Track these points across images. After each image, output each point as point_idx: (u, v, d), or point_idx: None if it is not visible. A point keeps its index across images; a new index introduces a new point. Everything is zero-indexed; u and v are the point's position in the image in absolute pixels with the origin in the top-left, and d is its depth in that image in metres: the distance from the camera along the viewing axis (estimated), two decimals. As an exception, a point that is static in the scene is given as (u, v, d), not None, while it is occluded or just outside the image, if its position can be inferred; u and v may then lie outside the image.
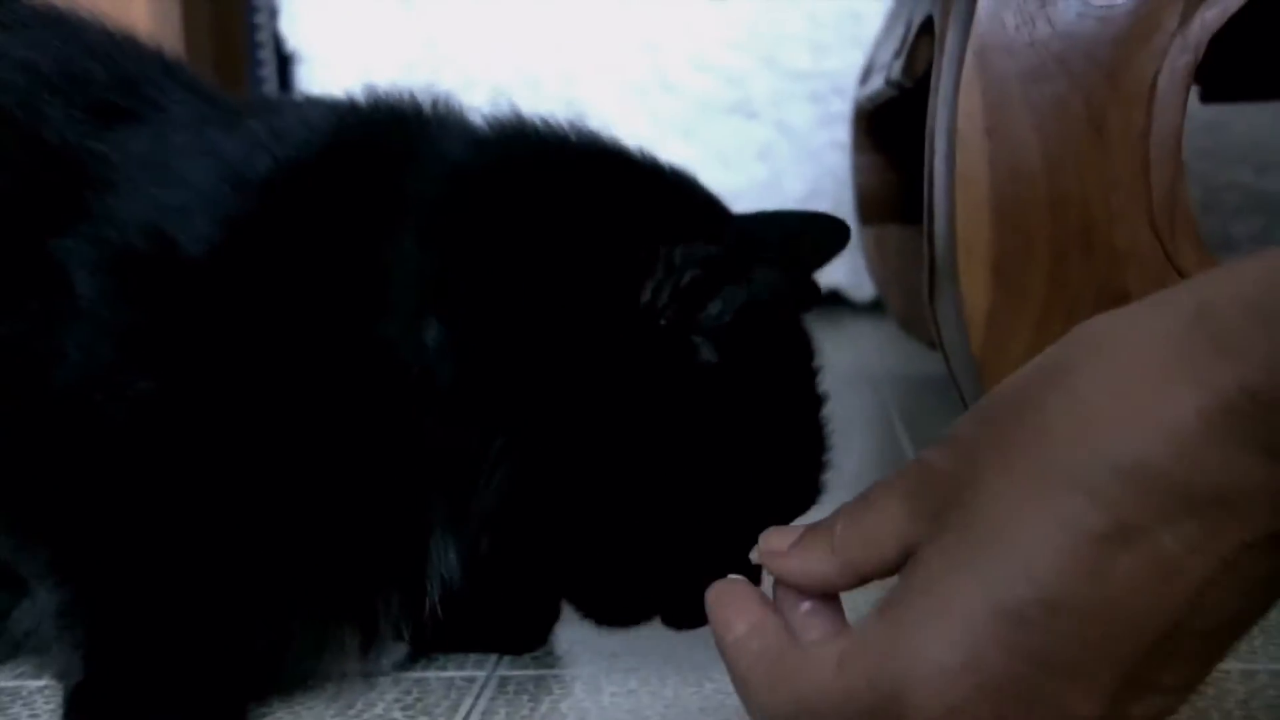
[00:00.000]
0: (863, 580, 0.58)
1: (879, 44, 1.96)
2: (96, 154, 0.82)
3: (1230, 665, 0.82)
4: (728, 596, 0.60)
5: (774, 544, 0.61)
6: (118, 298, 0.77)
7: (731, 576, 0.62)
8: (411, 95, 0.85)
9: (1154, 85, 0.93)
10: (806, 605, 0.59)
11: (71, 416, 0.77)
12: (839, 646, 0.55)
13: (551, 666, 0.88)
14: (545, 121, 0.82)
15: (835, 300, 2.77)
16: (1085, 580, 0.49)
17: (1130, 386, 0.50)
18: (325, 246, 0.77)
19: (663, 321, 0.72)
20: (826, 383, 0.79)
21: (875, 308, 2.65)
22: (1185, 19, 0.93)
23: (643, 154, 0.81)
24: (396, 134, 0.82)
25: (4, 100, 0.84)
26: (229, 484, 0.76)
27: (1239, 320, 0.47)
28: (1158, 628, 0.49)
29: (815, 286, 0.85)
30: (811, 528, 0.60)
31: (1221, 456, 0.47)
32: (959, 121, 0.95)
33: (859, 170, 2.21)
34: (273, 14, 2.74)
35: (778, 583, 0.60)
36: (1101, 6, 0.93)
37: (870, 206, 2.16)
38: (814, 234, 0.85)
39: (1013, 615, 0.50)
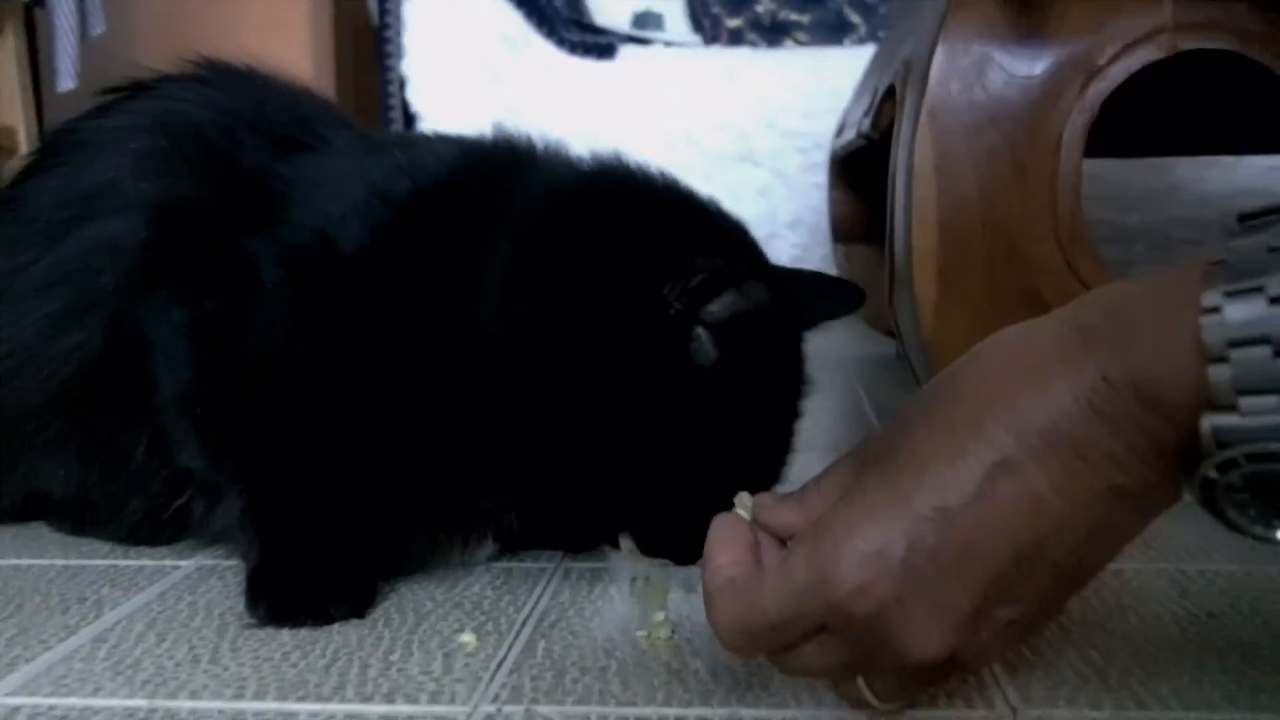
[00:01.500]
0: None
1: (848, 110, 1.97)
2: (279, 175, 0.83)
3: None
4: (721, 533, 0.59)
5: (763, 500, 0.62)
6: (292, 284, 0.78)
7: (730, 514, 0.61)
8: (528, 135, 0.85)
9: (1060, 138, 0.93)
10: (777, 549, 0.59)
11: (254, 370, 0.78)
12: (783, 557, 0.56)
13: (603, 561, 0.88)
14: (633, 164, 0.82)
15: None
16: (974, 497, 0.50)
17: (1021, 366, 0.52)
18: (443, 248, 0.77)
19: (673, 311, 0.71)
20: (813, 363, 0.78)
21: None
22: (1084, 88, 0.93)
23: (696, 196, 0.80)
24: (509, 163, 0.82)
25: (211, 135, 0.86)
26: (366, 423, 0.77)
27: (1102, 324, 0.50)
28: (1022, 545, 0.50)
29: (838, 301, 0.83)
30: (790, 493, 0.61)
31: (1082, 420, 0.49)
32: (915, 162, 0.95)
33: (833, 202, 2.21)
34: (402, 85, 2.76)
35: (762, 529, 0.60)
36: (1023, 77, 0.94)
37: (841, 229, 2.17)
38: (835, 291, 0.83)
39: (916, 517, 0.51)
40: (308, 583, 0.77)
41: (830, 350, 0.59)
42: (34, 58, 2.59)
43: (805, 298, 0.79)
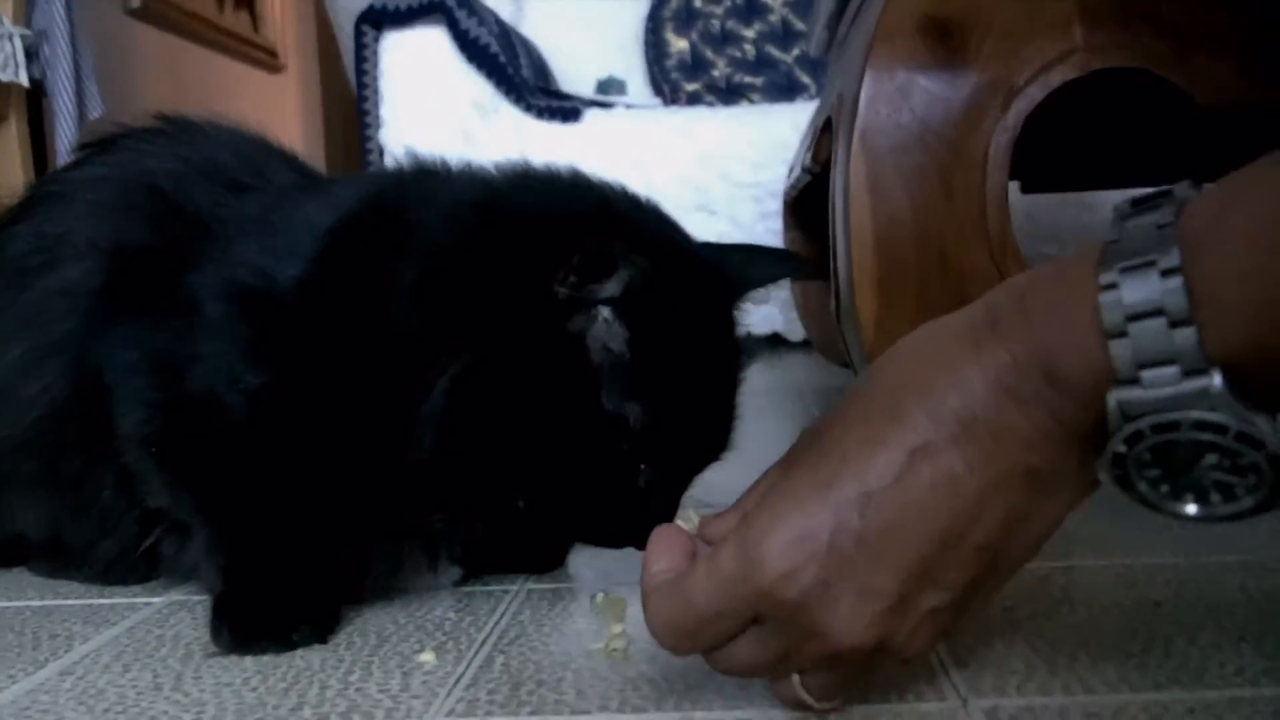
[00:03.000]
0: None
1: (797, 155, 1.94)
2: (223, 217, 0.80)
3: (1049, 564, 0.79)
4: (659, 541, 0.56)
5: (706, 517, 0.59)
6: (235, 317, 0.74)
7: (669, 525, 0.57)
8: (443, 158, 0.81)
9: (986, 155, 0.91)
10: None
11: (203, 402, 0.73)
12: (712, 551, 0.52)
13: (564, 581, 0.84)
14: (540, 168, 0.77)
15: (777, 340, 2.75)
16: (894, 480, 0.48)
17: (936, 353, 0.50)
18: (362, 271, 0.73)
19: (561, 296, 0.66)
20: (771, 394, 0.74)
21: (804, 345, 2.63)
22: (1005, 108, 0.91)
23: (600, 188, 0.75)
24: (419, 184, 0.78)
25: (163, 183, 0.84)
26: (314, 447, 0.72)
27: (1009, 307, 0.48)
28: (943, 527, 0.48)
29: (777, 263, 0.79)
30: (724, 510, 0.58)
31: (993, 402, 0.47)
32: (850, 184, 0.92)
33: (787, 242, 2.18)
34: (381, 153, 2.74)
35: (702, 539, 0.57)
36: (945, 99, 0.91)
37: (795, 268, 2.14)
38: (771, 258, 0.80)
39: (840, 502, 0.48)
40: (269, 609, 0.72)
41: (788, 381, 0.56)
42: (39, 140, 2.57)
43: (737, 267, 0.74)
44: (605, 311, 0.67)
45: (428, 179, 0.79)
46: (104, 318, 0.79)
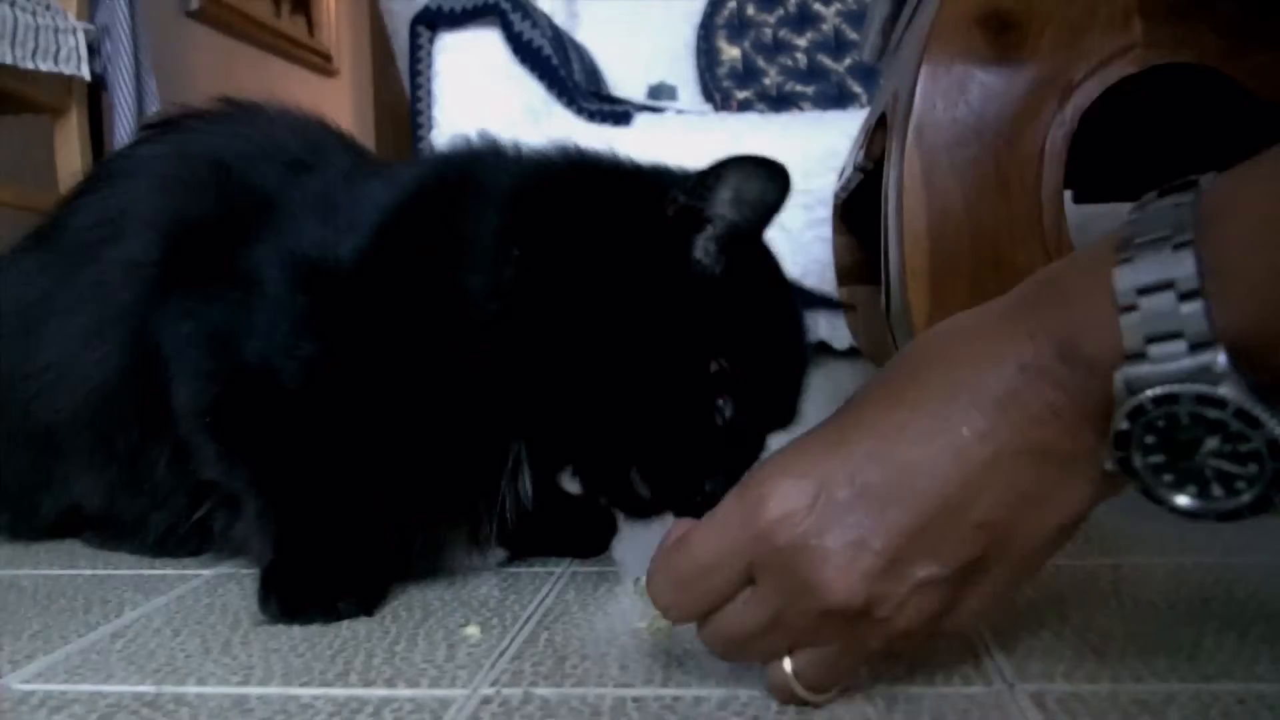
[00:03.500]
0: None
1: (849, 158, 1.94)
2: (285, 194, 0.80)
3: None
4: (681, 525, 0.55)
5: None
6: (293, 288, 0.75)
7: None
8: (491, 137, 0.82)
9: (1042, 150, 0.90)
10: None
11: (258, 373, 0.74)
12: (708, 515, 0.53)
13: (608, 565, 0.84)
14: (588, 151, 0.79)
15: (822, 349, 2.74)
16: (902, 440, 0.48)
17: (964, 332, 0.50)
18: (431, 241, 0.74)
19: (672, 211, 0.69)
20: (815, 402, 0.74)
21: (851, 353, 2.62)
22: (1062, 103, 0.91)
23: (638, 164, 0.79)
24: (478, 160, 0.79)
25: (226, 160, 0.85)
26: (371, 419, 0.73)
27: (1034, 290, 0.49)
28: (945, 495, 0.48)
29: None
30: None
31: (1007, 376, 0.47)
32: (904, 179, 0.92)
33: (836, 248, 2.19)
34: (430, 129, 2.77)
35: None
36: (1002, 93, 0.91)
37: (844, 272, 2.14)
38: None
39: (846, 456, 0.49)
40: (318, 580, 0.73)
41: (834, 389, 0.56)
42: (97, 134, 2.61)
43: None
44: (710, 229, 0.69)
45: (491, 151, 0.80)
46: (162, 290, 0.80)
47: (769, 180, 0.70)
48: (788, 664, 0.52)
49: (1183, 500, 0.44)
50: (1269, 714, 0.51)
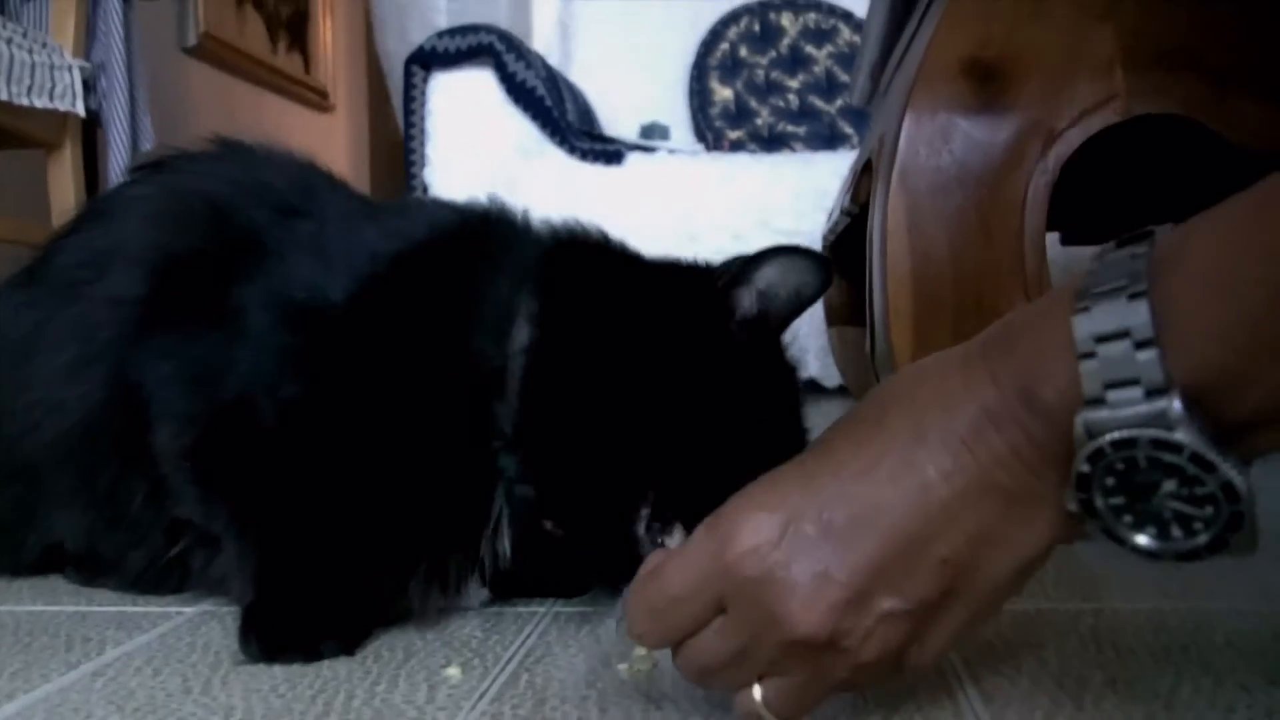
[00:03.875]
0: None
1: (837, 200, 1.96)
2: (275, 234, 0.81)
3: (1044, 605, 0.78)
4: (653, 557, 0.57)
5: None
6: (278, 328, 0.75)
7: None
8: (511, 207, 0.83)
9: (1024, 197, 0.91)
10: None
11: (239, 414, 0.75)
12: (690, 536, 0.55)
13: (592, 606, 0.84)
14: (586, 230, 0.81)
15: (813, 386, 2.75)
16: (869, 478, 0.50)
17: (929, 374, 0.52)
18: (432, 296, 0.75)
19: (720, 284, 0.72)
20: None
21: (840, 391, 2.63)
22: (1044, 152, 0.92)
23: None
24: (504, 224, 0.81)
25: (216, 200, 0.85)
26: (354, 464, 0.73)
27: (999, 334, 0.50)
28: (909, 530, 0.49)
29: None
30: None
31: (972, 418, 0.48)
32: (888, 224, 0.93)
33: (825, 289, 2.20)
34: (425, 191, 2.78)
35: None
36: (985, 142, 0.92)
37: (833, 313, 2.15)
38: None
39: (814, 492, 0.51)
40: (299, 620, 0.73)
41: (821, 423, 0.57)
42: (92, 171, 2.62)
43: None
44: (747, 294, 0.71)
45: (501, 215, 0.82)
46: (145, 327, 0.80)
47: (809, 273, 0.72)
48: (757, 692, 0.53)
49: (1142, 540, 0.46)
50: (1241, 762, 0.51)
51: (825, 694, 0.54)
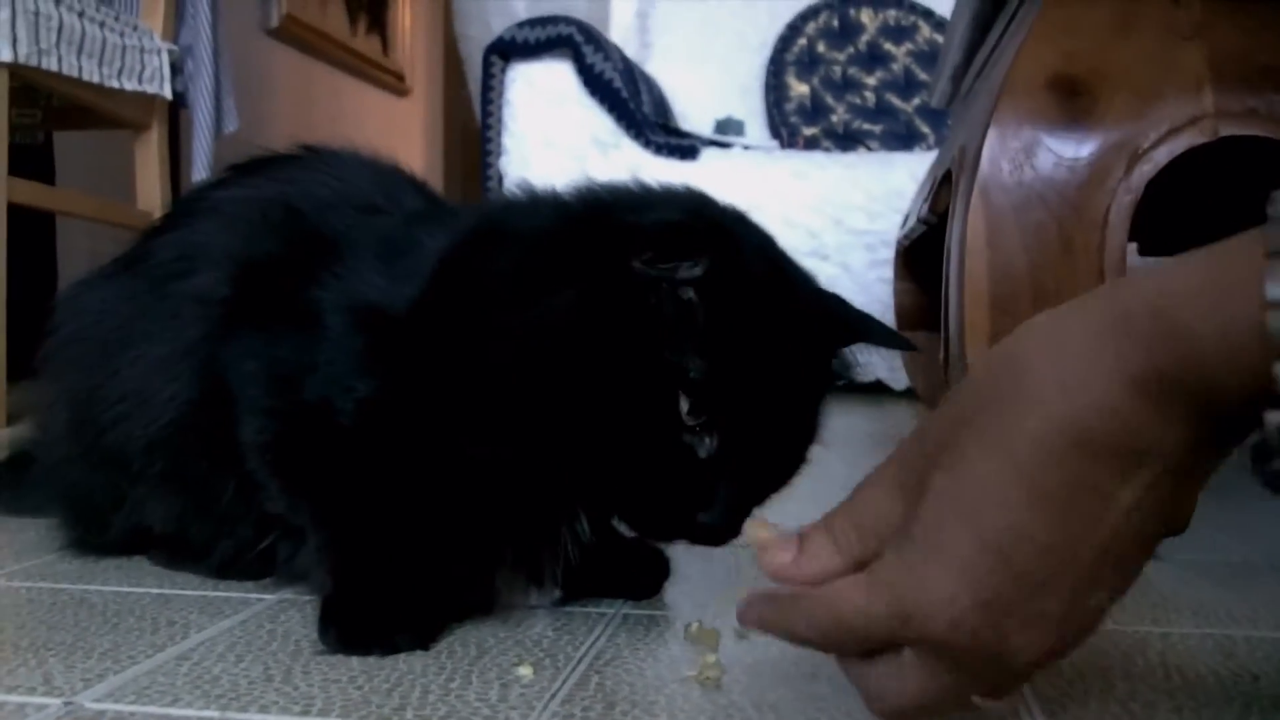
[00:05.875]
0: (861, 566, 0.54)
1: (913, 204, 1.95)
2: (352, 238, 0.83)
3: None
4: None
5: (779, 559, 0.56)
6: (352, 330, 0.78)
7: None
8: (555, 186, 0.82)
9: (1107, 215, 0.91)
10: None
11: (317, 411, 0.77)
12: (863, 579, 0.52)
13: (661, 609, 0.86)
14: (651, 184, 0.80)
15: (880, 388, 2.74)
16: (1043, 509, 0.47)
17: (1062, 364, 0.48)
18: (462, 282, 0.76)
19: (638, 268, 0.68)
20: (873, 441, 0.74)
21: (908, 393, 2.62)
22: (1129, 170, 0.91)
23: (702, 202, 0.80)
24: (526, 204, 0.81)
25: (296, 203, 0.88)
26: (427, 459, 0.75)
27: (1146, 312, 0.46)
28: (1099, 541, 0.48)
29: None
30: (809, 532, 0.57)
31: (1133, 416, 0.46)
32: (968, 238, 0.93)
33: (897, 293, 2.19)
34: (501, 181, 2.81)
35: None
36: (1070, 159, 0.91)
37: (904, 317, 2.14)
38: (886, 332, 0.79)
39: (992, 545, 0.48)
40: (375, 614, 0.75)
41: (890, 429, 0.57)
42: (175, 151, 2.68)
43: (850, 317, 0.77)
44: (682, 290, 0.68)
45: (532, 200, 0.82)
46: (229, 327, 0.84)
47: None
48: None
49: None
50: (1310, 802, 0.52)
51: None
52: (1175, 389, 0.45)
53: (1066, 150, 0.92)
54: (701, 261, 0.67)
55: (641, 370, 0.69)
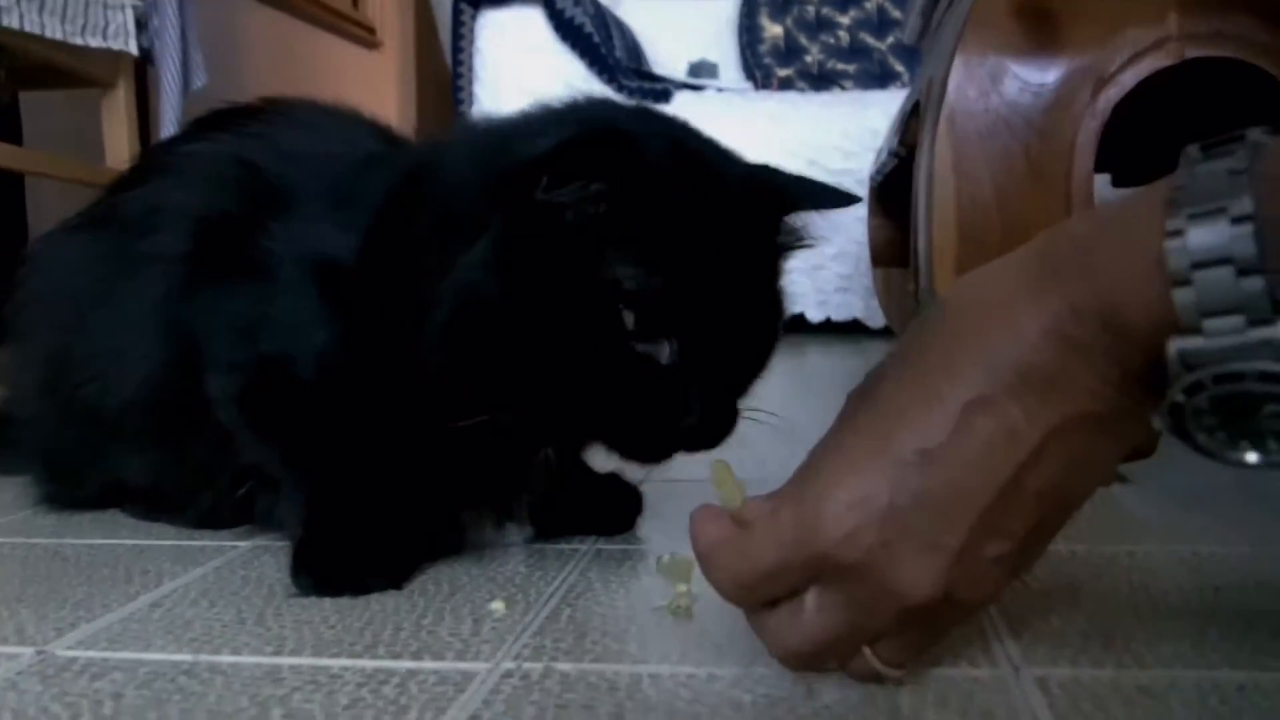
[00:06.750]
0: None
1: (885, 140, 1.94)
2: (306, 187, 0.83)
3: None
4: (704, 513, 0.56)
5: (709, 534, 0.55)
6: (304, 281, 0.78)
7: (712, 505, 0.57)
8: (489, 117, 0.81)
9: (1073, 141, 0.91)
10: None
11: (277, 362, 0.78)
12: (769, 506, 0.53)
13: (634, 543, 0.86)
14: (554, 103, 0.76)
15: (857, 327, 2.75)
16: (952, 436, 0.48)
17: (989, 305, 0.49)
18: (394, 230, 0.76)
19: (540, 198, 0.65)
20: (853, 378, 0.72)
21: (885, 332, 2.63)
22: (1094, 95, 0.91)
23: (610, 111, 0.77)
24: (453, 143, 0.81)
25: (256, 158, 0.87)
26: (385, 404, 0.75)
27: (1067, 254, 0.47)
28: (1004, 480, 0.48)
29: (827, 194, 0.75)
30: (752, 519, 0.54)
31: (1052, 351, 0.47)
32: (935, 166, 0.93)
33: (870, 229, 2.19)
34: (471, 105, 2.79)
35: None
36: (1036, 85, 0.91)
37: (878, 254, 2.15)
38: (828, 191, 0.76)
39: (897, 462, 0.49)
40: (347, 555, 0.76)
41: (869, 367, 0.56)
42: (144, 108, 2.65)
43: (788, 186, 0.74)
44: (591, 206, 0.66)
45: (455, 139, 0.81)
46: (191, 283, 0.84)
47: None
48: (866, 650, 0.53)
49: (1239, 456, 0.44)
50: (1266, 702, 0.52)
51: (941, 637, 0.55)
52: (1090, 327, 0.46)
53: (1032, 76, 0.92)
54: (601, 173, 0.65)
55: (577, 294, 0.67)
